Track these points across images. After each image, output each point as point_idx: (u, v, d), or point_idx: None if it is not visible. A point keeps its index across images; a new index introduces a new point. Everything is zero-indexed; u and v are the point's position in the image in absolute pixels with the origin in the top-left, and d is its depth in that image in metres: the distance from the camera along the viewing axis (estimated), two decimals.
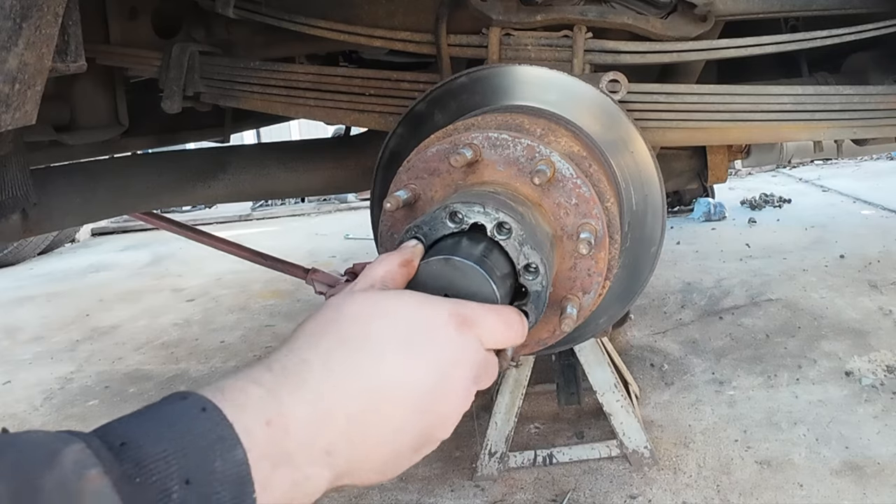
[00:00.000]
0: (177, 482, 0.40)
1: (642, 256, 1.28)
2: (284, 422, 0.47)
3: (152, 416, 0.43)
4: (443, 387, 0.58)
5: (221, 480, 0.41)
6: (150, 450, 0.40)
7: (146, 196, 1.96)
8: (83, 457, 0.39)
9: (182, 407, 0.44)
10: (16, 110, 0.84)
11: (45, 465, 0.37)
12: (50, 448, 0.38)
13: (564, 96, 1.24)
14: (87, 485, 0.38)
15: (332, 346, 0.54)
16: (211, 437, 0.42)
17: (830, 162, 8.26)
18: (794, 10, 1.49)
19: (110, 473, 0.39)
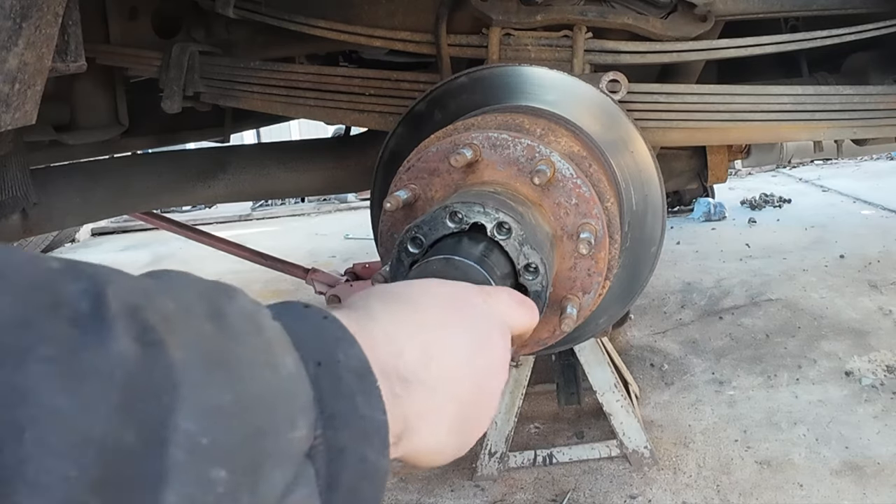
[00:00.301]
0: (311, 363, 0.41)
1: (642, 256, 1.28)
2: (367, 335, 0.47)
3: (281, 309, 0.44)
4: (485, 340, 0.59)
5: (345, 368, 0.43)
6: (292, 325, 0.42)
7: (146, 196, 1.97)
8: (254, 300, 0.41)
9: (306, 311, 0.45)
10: (16, 110, 0.84)
11: (227, 296, 0.39)
12: (224, 285, 0.40)
13: (564, 96, 1.24)
14: (267, 320, 0.40)
15: (384, 298, 0.55)
16: (335, 335, 0.44)
17: (830, 162, 8.26)
18: (794, 10, 1.50)
19: (277, 319, 0.41)
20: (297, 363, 0.39)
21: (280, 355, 0.38)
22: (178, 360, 0.32)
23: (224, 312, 0.37)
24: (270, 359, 0.37)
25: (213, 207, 8.75)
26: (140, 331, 0.32)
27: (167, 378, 0.31)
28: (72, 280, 0.32)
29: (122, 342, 0.31)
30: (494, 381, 0.59)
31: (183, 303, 0.36)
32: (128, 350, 0.31)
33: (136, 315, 0.32)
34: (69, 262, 0.34)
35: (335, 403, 0.41)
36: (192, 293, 0.38)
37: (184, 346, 0.33)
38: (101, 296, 0.32)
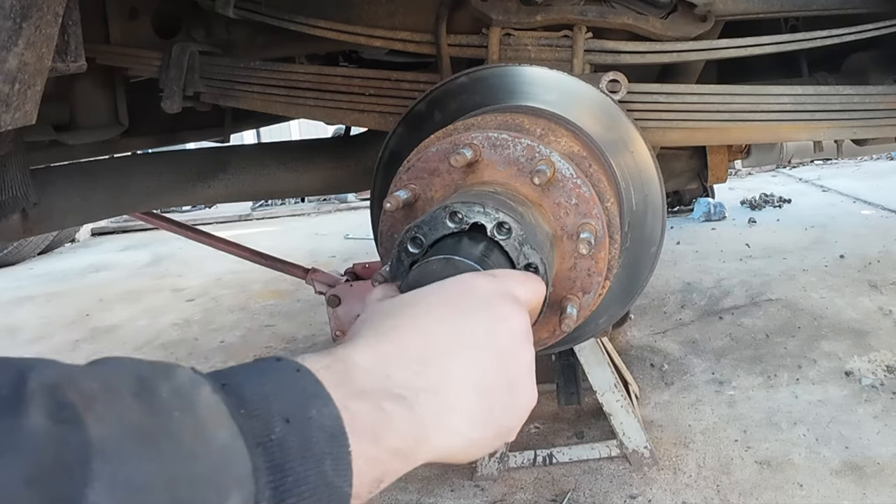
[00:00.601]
0: (278, 420, 0.41)
1: (642, 256, 1.28)
2: (344, 365, 0.48)
3: (249, 367, 0.44)
4: (496, 321, 0.58)
5: (318, 427, 0.42)
6: (252, 391, 0.42)
7: (146, 196, 1.97)
8: (195, 377, 0.40)
9: (278, 365, 0.45)
10: (16, 110, 0.84)
11: (162, 375, 0.39)
12: (165, 365, 0.40)
13: (564, 96, 1.24)
14: (201, 395, 0.39)
15: (377, 320, 0.55)
16: (307, 391, 0.44)
17: (830, 162, 8.26)
18: (794, 10, 1.50)
19: (219, 394, 0.40)
20: (234, 436, 0.38)
21: (212, 429, 0.38)
22: (94, 435, 0.32)
23: (154, 389, 0.37)
24: (200, 432, 0.37)
25: (213, 207, 8.76)
26: (55, 408, 0.32)
27: (81, 453, 0.31)
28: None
29: (34, 419, 0.31)
30: (517, 356, 0.59)
31: (108, 382, 0.36)
32: (40, 426, 0.31)
33: (53, 394, 0.33)
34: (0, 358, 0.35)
35: (302, 468, 0.40)
36: (123, 374, 0.38)
37: (101, 423, 0.33)
38: (23, 380, 0.33)
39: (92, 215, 1.92)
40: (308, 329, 4.18)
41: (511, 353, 0.58)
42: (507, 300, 0.61)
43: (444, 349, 0.54)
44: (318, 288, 2.64)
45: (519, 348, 0.59)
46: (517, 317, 0.61)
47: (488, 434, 0.55)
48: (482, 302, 0.60)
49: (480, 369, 0.55)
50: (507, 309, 0.61)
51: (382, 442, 0.47)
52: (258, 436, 0.40)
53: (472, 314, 0.58)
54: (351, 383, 0.47)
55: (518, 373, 0.59)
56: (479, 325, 0.57)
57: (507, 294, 0.62)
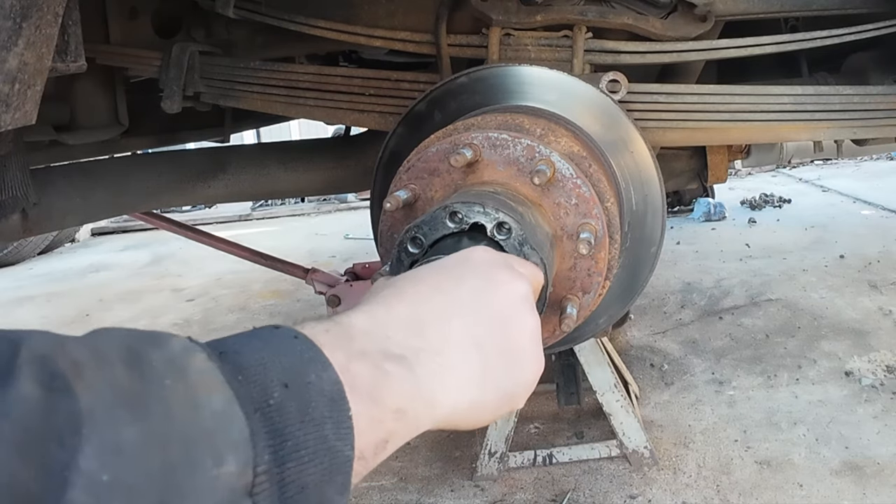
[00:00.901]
0: (276, 385, 0.41)
1: (642, 256, 1.28)
2: (342, 328, 0.48)
3: (248, 335, 0.44)
4: (492, 285, 0.59)
5: (317, 392, 0.42)
6: (249, 357, 0.41)
7: (146, 196, 1.96)
8: (190, 345, 0.40)
9: (276, 332, 0.45)
10: (16, 110, 0.84)
11: (154, 344, 0.39)
12: (159, 334, 0.40)
13: (564, 96, 1.24)
14: (194, 363, 0.39)
15: (377, 291, 0.56)
16: (305, 356, 0.44)
17: (830, 162, 8.26)
18: (794, 10, 1.50)
19: (213, 361, 0.40)
20: (229, 401, 0.38)
21: (204, 395, 0.38)
22: (84, 403, 0.32)
23: (144, 358, 0.37)
24: (190, 398, 0.37)
25: (213, 207, 8.75)
26: (47, 377, 0.33)
27: (72, 420, 0.32)
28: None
29: (26, 387, 0.32)
30: (517, 320, 0.59)
31: (98, 351, 0.36)
32: (30, 394, 0.32)
33: (45, 363, 0.33)
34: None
35: (302, 431, 0.40)
36: (113, 343, 0.38)
37: (91, 390, 0.33)
38: (15, 350, 0.33)
39: (92, 215, 1.92)
40: None
41: (510, 316, 0.58)
42: (504, 268, 0.62)
43: (442, 311, 0.54)
44: (318, 288, 2.64)
45: (519, 312, 0.59)
46: (516, 282, 0.61)
47: (489, 396, 0.55)
48: (480, 269, 0.61)
49: (480, 330, 0.55)
50: (505, 275, 0.61)
51: (384, 402, 0.46)
52: (256, 401, 0.39)
53: (470, 279, 0.58)
54: (350, 345, 0.47)
55: (519, 338, 0.59)
56: (476, 289, 0.58)
57: (505, 264, 0.64)
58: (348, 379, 0.44)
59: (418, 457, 2.60)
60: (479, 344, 0.55)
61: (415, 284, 0.57)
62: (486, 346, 0.55)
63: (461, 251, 0.67)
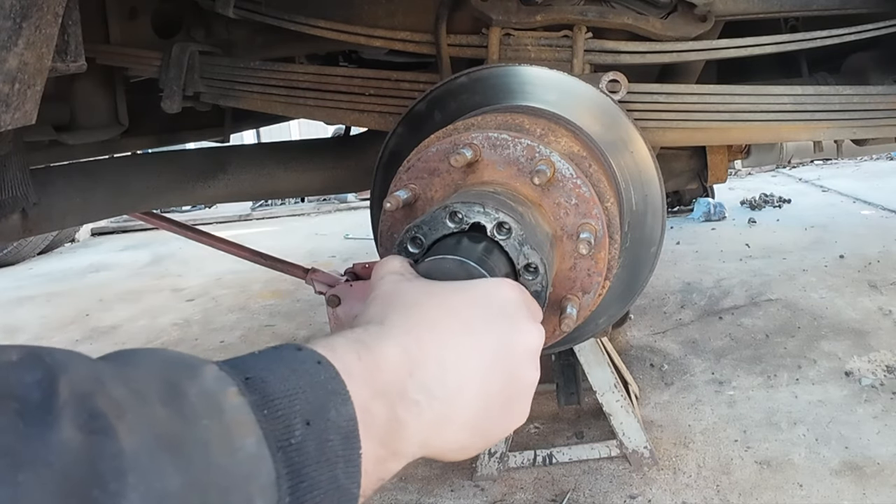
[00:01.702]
0: (299, 422, 0.41)
1: (642, 256, 1.28)
2: (375, 358, 0.49)
3: (272, 358, 0.44)
4: (513, 334, 0.60)
5: (335, 429, 0.43)
6: (276, 387, 0.42)
7: (146, 196, 1.96)
8: (222, 375, 0.41)
9: (300, 356, 0.45)
10: (16, 110, 0.84)
11: (189, 375, 0.39)
12: (191, 362, 0.40)
13: (564, 96, 1.24)
14: (228, 399, 0.39)
15: (404, 308, 0.56)
16: (328, 388, 0.44)
17: (830, 162, 8.26)
18: (794, 10, 1.50)
19: (245, 395, 0.40)
20: (260, 443, 0.39)
21: (239, 437, 0.38)
22: (127, 446, 0.32)
23: (182, 393, 0.37)
24: (227, 441, 0.37)
25: (213, 207, 8.76)
26: (87, 419, 0.32)
27: (115, 465, 0.32)
28: (28, 371, 0.33)
29: (66, 432, 0.31)
30: (524, 377, 0.61)
31: (137, 386, 0.36)
32: (71, 439, 0.31)
33: (85, 403, 0.33)
34: (31, 351, 0.34)
35: (318, 472, 0.41)
36: (150, 375, 0.38)
37: (133, 432, 0.33)
38: (53, 385, 0.32)
39: (92, 215, 1.92)
40: (308, 329, 4.18)
41: (520, 371, 0.60)
42: (528, 316, 0.63)
43: (467, 359, 0.55)
44: (318, 288, 2.64)
45: (528, 368, 0.61)
46: (535, 334, 0.63)
47: (477, 443, 0.57)
48: (508, 311, 0.61)
49: (492, 385, 0.57)
50: (528, 325, 0.62)
51: (390, 445, 0.48)
52: (279, 439, 0.40)
53: (499, 323, 0.59)
54: (375, 380, 0.48)
55: (520, 392, 0.61)
56: (503, 336, 0.59)
57: (529, 310, 0.64)
58: (366, 418, 0.45)
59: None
60: (487, 397, 0.56)
61: (447, 316, 0.57)
62: (493, 400, 0.57)
63: (494, 280, 0.66)
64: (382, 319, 0.54)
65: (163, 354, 0.41)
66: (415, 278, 0.66)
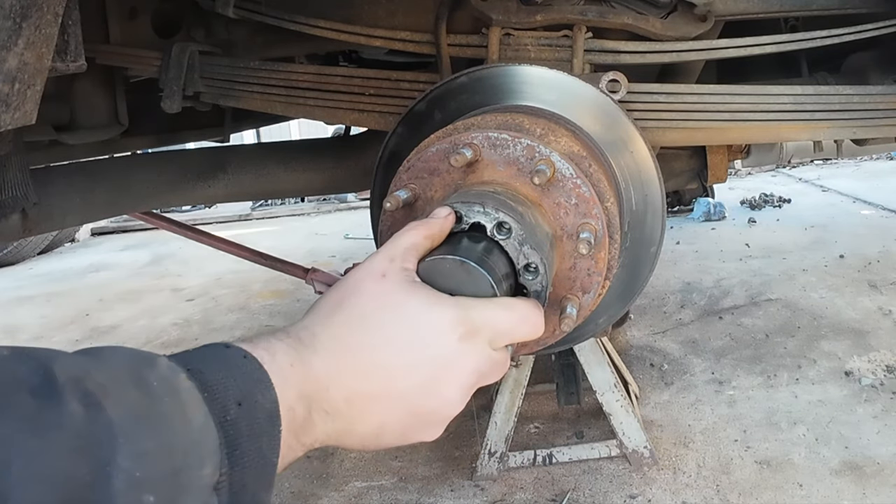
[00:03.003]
0: (233, 403, 0.51)
1: (642, 256, 1.28)
2: (305, 368, 0.59)
3: (204, 355, 0.54)
4: (433, 388, 0.65)
5: (261, 410, 0.53)
6: (211, 376, 0.51)
7: (146, 196, 1.96)
8: (172, 365, 0.50)
9: (228, 352, 0.55)
10: (16, 110, 0.84)
11: (148, 365, 0.49)
12: (147, 355, 0.50)
13: (564, 96, 1.24)
14: (181, 382, 0.49)
15: (340, 328, 0.64)
16: (253, 377, 0.54)
17: (830, 162, 8.26)
18: (794, 10, 1.50)
19: (192, 380, 0.50)
20: (206, 416, 0.49)
21: (192, 412, 0.48)
22: (114, 417, 0.43)
23: (147, 380, 0.47)
24: (184, 415, 0.48)
25: (213, 207, 8.75)
26: (82, 396, 0.42)
27: (108, 430, 0.42)
28: (20, 363, 0.42)
29: (72, 404, 0.41)
30: (429, 425, 0.67)
31: (113, 373, 0.46)
32: (76, 410, 0.41)
33: (79, 384, 0.43)
34: (15, 349, 0.44)
35: (247, 443, 0.51)
36: (119, 364, 0.48)
37: (117, 407, 0.43)
38: (49, 371, 0.42)
39: (92, 215, 1.92)
40: None
41: (428, 415, 0.66)
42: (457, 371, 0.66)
43: (375, 391, 0.63)
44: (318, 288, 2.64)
45: (435, 418, 0.66)
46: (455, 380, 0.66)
47: (370, 448, 0.67)
48: (434, 362, 0.65)
49: (393, 413, 0.64)
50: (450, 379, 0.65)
51: (301, 438, 0.59)
52: (219, 416, 0.50)
53: (416, 359, 0.64)
54: (301, 387, 0.58)
55: (421, 426, 0.66)
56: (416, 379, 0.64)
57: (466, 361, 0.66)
58: (289, 415, 0.55)
59: (418, 456, 2.60)
60: (383, 424, 0.64)
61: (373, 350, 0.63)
62: (390, 427, 0.65)
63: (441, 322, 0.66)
64: (323, 329, 0.63)
65: (124, 350, 0.50)
66: (395, 284, 0.67)
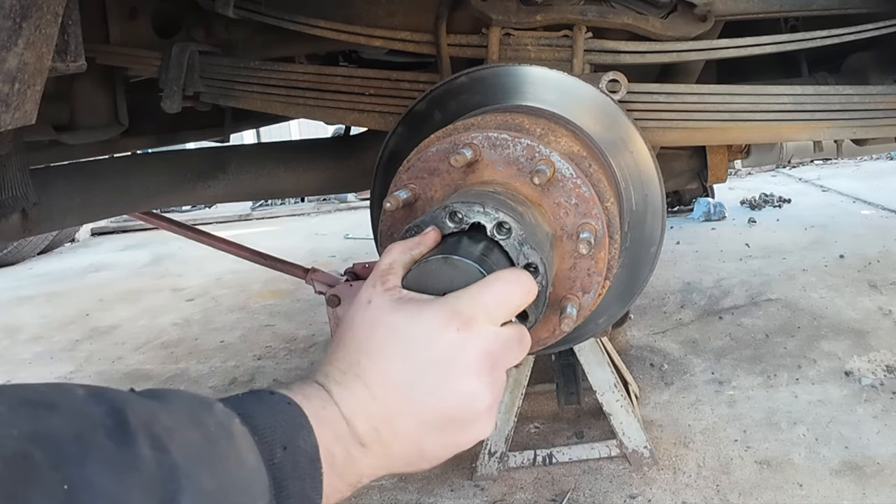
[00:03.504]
0: (279, 447, 0.55)
1: (642, 256, 1.28)
2: (333, 409, 0.62)
3: (254, 400, 0.58)
4: (446, 387, 0.64)
5: (303, 454, 0.57)
6: (260, 421, 0.55)
7: (146, 196, 1.96)
8: (227, 409, 0.54)
9: (274, 398, 0.59)
10: (16, 110, 0.84)
11: (206, 410, 0.52)
12: (205, 399, 0.54)
13: (564, 96, 1.24)
14: (235, 427, 0.53)
15: (344, 362, 0.66)
16: (296, 423, 0.58)
17: (830, 162, 8.26)
18: (794, 10, 1.50)
19: (245, 425, 0.54)
20: (258, 459, 0.53)
21: (245, 454, 0.52)
22: (178, 459, 0.46)
23: (205, 423, 0.51)
24: (238, 457, 0.51)
25: (213, 207, 8.76)
26: (152, 440, 0.46)
27: (172, 472, 0.45)
28: (96, 404, 0.46)
29: (144, 449, 0.45)
30: (468, 423, 0.67)
31: (176, 417, 0.50)
32: (146, 453, 0.45)
33: (148, 428, 0.46)
34: (91, 389, 0.48)
35: (292, 484, 0.55)
36: (182, 409, 0.51)
37: (180, 450, 0.47)
38: (122, 415, 0.46)
39: (92, 215, 1.92)
40: (308, 329, 4.18)
41: (449, 410, 0.65)
42: (463, 359, 0.65)
43: (397, 413, 0.64)
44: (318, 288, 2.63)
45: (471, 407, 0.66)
46: (468, 370, 0.65)
47: (412, 468, 0.68)
48: (433, 353, 0.65)
49: (423, 432, 0.65)
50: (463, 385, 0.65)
51: (347, 478, 0.62)
52: (267, 459, 0.54)
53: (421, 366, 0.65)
54: (336, 427, 0.61)
55: (459, 427, 0.66)
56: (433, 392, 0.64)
57: (471, 342, 0.66)
58: (328, 457, 0.59)
59: None
60: (419, 442, 0.65)
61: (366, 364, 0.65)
62: (430, 438, 0.66)
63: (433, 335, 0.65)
64: (331, 367, 0.65)
65: (184, 394, 0.54)
66: (379, 308, 0.67)
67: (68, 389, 0.46)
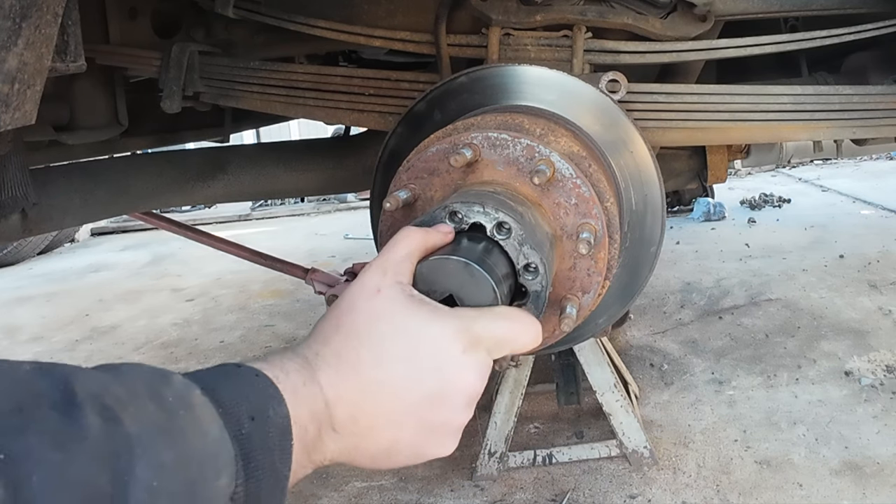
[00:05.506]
0: (246, 418, 0.53)
1: (642, 256, 1.28)
2: (314, 387, 0.61)
3: (217, 374, 0.56)
4: (441, 400, 0.65)
5: (273, 425, 0.55)
6: (225, 394, 0.53)
7: (146, 196, 1.96)
8: (186, 381, 0.52)
9: (240, 371, 0.57)
10: (15, 110, 0.84)
11: (163, 382, 0.50)
12: (163, 371, 0.52)
13: (564, 96, 1.24)
14: (195, 398, 0.51)
15: (340, 347, 0.65)
16: (266, 393, 0.56)
17: (830, 162, 8.26)
18: (794, 10, 1.50)
19: (206, 395, 0.52)
20: (221, 429, 0.51)
21: (206, 424, 0.50)
22: (132, 430, 0.44)
23: (162, 395, 0.49)
24: (199, 428, 0.49)
25: (212, 207, 8.75)
26: (101, 410, 0.44)
27: (126, 442, 0.44)
28: (41, 377, 0.44)
29: (91, 418, 0.43)
30: (440, 436, 0.67)
31: (130, 388, 0.48)
32: (95, 423, 0.43)
33: (97, 399, 0.44)
34: (38, 364, 0.46)
35: (261, 455, 0.53)
36: (137, 381, 0.49)
37: (134, 420, 0.45)
38: (69, 386, 0.44)
39: (92, 215, 1.92)
40: (308, 329, 4.16)
41: (431, 421, 0.66)
42: (460, 379, 0.66)
43: (380, 407, 0.64)
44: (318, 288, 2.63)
45: (448, 416, 0.67)
46: (460, 390, 0.66)
47: (382, 466, 0.68)
48: (435, 364, 0.65)
49: (400, 429, 0.65)
50: (455, 375, 0.66)
51: (312, 456, 0.61)
52: (233, 430, 0.52)
53: (420, 373, 0.65)
54: (312, 406, 0.60)
55: (431, 437, 0.67)
56: (420, 391, 0.65)
57: (469, 365, 0.66)
58: (301, 433, 0.57)
59: None
60: (395, 440, 0.65)
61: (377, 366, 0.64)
62: (401, 442, 0.66)
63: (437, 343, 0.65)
64: (324, 347, 0.64)
65: (140, 366, 0.51)
66: (392, 302, 0.66)
67: (14, 364, 0.45)
